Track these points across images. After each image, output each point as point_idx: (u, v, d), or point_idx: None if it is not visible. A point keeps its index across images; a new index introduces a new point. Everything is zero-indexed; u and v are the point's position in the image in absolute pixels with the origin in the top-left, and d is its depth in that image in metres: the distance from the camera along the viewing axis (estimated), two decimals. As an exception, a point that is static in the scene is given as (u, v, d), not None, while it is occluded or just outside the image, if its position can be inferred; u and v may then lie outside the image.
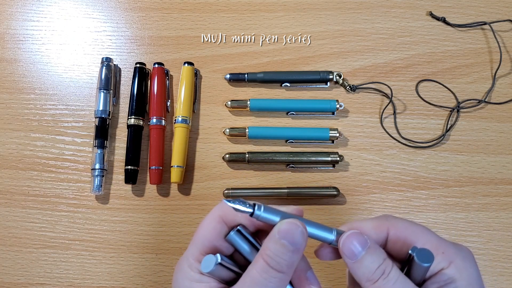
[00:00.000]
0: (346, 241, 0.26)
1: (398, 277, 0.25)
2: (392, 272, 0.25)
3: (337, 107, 0.52)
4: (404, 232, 0.27)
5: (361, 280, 0.25)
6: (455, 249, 0.26)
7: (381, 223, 0.27)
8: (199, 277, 0.25)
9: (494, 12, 0.56)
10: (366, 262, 0.25)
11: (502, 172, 0.51)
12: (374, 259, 0.25)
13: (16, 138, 0.52)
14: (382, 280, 0.24)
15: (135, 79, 0.53)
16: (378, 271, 0.25)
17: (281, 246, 0.23)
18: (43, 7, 0.57)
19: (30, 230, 0.50)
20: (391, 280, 0.24)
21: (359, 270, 0.25)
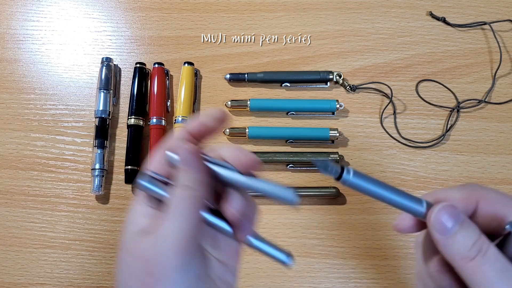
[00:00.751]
0: (438, 215, 0.23)
1: (497, 256, 0.22)
2: (490, 250, 0.23)
3: (337, 107, 0.52)
4: (495, 204, 0.24)
5: (454, 258, 0.23)
6: None
7: (470, 194, 0.25)
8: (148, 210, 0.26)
9: (494, 12, 0.56)
10: (460, 238, 0.23)
11: (502, 172, 0.51)
12: (469, 235, 0.23)
13: (16, 138, 0.52)
14: (481, 258, 0.22)
15: (135, 79, 0.53)
16: (474, 248, 0.22)
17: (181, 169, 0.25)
18: (43, 7, 0.57)
19: (30, 230, 0.50)
20: (490, 258, 0.22)
21: (453, 247, 0.23)
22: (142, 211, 0.26)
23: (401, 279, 0.48)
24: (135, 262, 0.24)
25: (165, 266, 0.23)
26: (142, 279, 0.24)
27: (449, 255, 0.23)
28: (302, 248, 0.49)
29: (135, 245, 0.24)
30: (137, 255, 0.24)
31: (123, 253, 0.25)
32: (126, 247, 0.25)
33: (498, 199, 0.25)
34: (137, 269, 0.24)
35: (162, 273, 0.23)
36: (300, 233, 0.50)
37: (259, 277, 0.49)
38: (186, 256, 0.24)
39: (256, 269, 0.49)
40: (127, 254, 0.25)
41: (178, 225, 0.24)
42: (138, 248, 0.24)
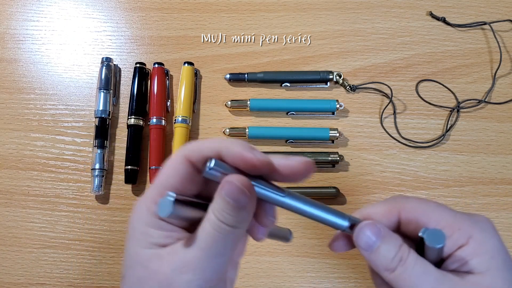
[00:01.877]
0: (360, 233, 0.25)
1: (416, 262, 0.24)
2: (409, 258, 0.24)
3: (337, 107, 0.52)
4: (415, 212, 0.25)
5: (379, 271, 0.25)
6: (472, 222, 0.25)
7: (391, 206, 0.26)
8: (157, 223, 0.23)
9: (494, 12, 0.56)
10: (382, 252, 0.24)
11: (502, 172, 0.51)
12: (390, 248, 0.24)
13: (16, 138, 0.52)
14: (401, 267, 0.24)
15: (135, 79, 0.53)
16: (395, 259, 0.24)
17: (226, 203, 0.22)
18: (43, 7, 0.57)
19: (30, 230, 0.50)
20: (409, 266, 0.24)
21: (377, 261, 0.25)
22: (154, 223, 0.23)
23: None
24: (152, 281, 0.23)
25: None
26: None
27: (376, 268, 0.25)
28: (302, 248, 0.49)
29: (155, 261, 0.23)
30: (157, 275, 0.23)
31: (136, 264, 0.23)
32: (139, 259, 0.23)
33: (417, 207, 0.26)
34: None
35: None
36: (300, 233, 0.50)
37: (259, 277, 0.49)
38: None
39: (256, 269, 0.49)
40: (141, 267, 0.23)
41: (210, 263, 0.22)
42: (159, 267, 0.23)
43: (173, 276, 0.22)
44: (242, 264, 0.49)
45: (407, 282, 0.24)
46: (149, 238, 0.23)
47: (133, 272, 0.23)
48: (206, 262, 0.22)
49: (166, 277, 0.22)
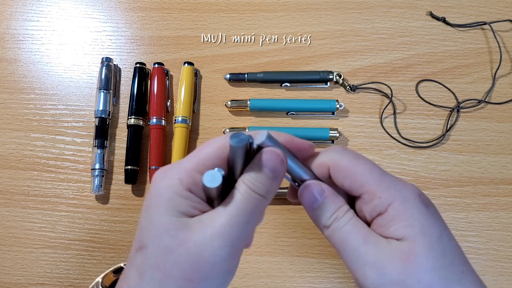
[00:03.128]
0: (304, 191, 0.27)
1: (349, 221, 0.26)
2: (344, 216, 0.26)
3: (337, 107, 0.52)
4: (343, 171, 0.26)
5: (319, 228, 0.27)
6: (395, 191, 0.25)
7: (323, 160, 0.27)
8: (186, 194, 0.24)
9: (494, 12, 0.56)
10: (322, 210, 0.26)
11: (502, 172, 0.51)
12: (329, 207, 0.26)
13: (16, 138, 0.52)
14: (334, 224, 0.26)
15: (135, 79, 0.53)
16: (332, 217, 0.26)
17: (262, 173, 0.24)
18: (43, 7, 0.57)
19: (30, 230, 0.50)
20: (341, 223, 0.26)
21: (317, 217, 0.27)
22: (184, 193, 0.24)
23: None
24: (182, 250, 0.23)
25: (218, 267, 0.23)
26: (187, 272, 0.23)
27: (317, 226, 0.27)
28: (302, 248, 0.49)
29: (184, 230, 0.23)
30: (187, 244, 0.23)
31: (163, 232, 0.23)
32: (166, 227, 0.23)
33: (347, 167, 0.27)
34: (182, 260, 0.23)
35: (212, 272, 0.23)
36: (300, 233, 0.50)
37: (259, 277, 0.49)
38: (236, 259, 0.24)
39: (256, 269, 0.49)
40: (168, 235, 0.23)
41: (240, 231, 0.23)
42: (190, 236, 0.23)
43: (203, 243, 0.23)
44: (242, 264, 0.49)
45: (338, 239, 0.25)
46: (177, 206, 0.24)
47: (159, 240, 0.23)
48: (236, 229, 0.23)
49: (195, 245, 0.23)
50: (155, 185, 0.25)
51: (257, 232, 0.50)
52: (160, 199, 0.24)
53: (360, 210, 0.26)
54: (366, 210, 0.26)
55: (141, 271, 0.23)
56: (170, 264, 0.23)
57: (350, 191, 0.27)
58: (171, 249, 0.23)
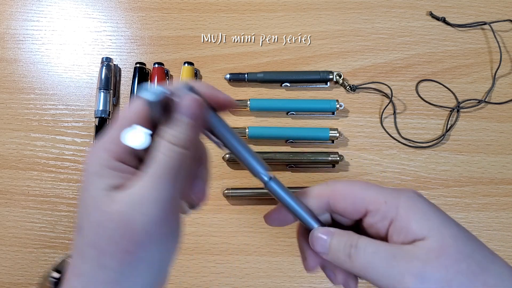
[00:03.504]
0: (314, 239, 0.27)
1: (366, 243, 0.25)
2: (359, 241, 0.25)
3: (337, 107, 0.52)
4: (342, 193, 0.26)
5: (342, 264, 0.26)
6: (396, 193, 0.25)
7: (320, 191, 0.28)
8: (114, 164, 0.23)
9: (494, 12, 0.56)
10: (335, 245, 0.26)
11: (502, 172, 0.51)
12: (340, 239, 0.26)
13: (16, 138, 0.52)
14: (354, 251, 0.25)
15: (135, 79, 0.53)
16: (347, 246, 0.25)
17: (180, 122, 0.23)
18: (43, 7, 0.57)
19: (30, 230, 0.50)
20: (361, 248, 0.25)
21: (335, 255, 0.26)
22: (111, 164, 0.23)
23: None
24: (109, 223, 0.22)
25: (150, 233, 0.22)
26: (121, 244, 0.22)
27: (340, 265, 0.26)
28: (302, 248, 0.49)
29: (109, 203, 0.22)
30: (112, 215, 0.22)
31: (92, 209, 0.22)
32: (95, 202, 0.22)
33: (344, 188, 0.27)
34: (112, 231, 0.22)
35: (146, 239, 0.22)
36: (300, 233, 0.50)
37: (259, 277, 0.49)
38: (171, 221, 0.23)
39: (256, 269, 0.49)
40: (96, 211, 0.22)
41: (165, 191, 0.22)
42: (114, 207, 0.22)
43: (129, 212, 0.22)
44: (242, 264, 0.49)
45: (364, 264, 0.24)
46: (107, 179, 0.23)
47: (90, 217, 0.23)
48: (162, 191, 0.22)
49: (123, 216, 0.22)
50: (85, 161, 0.24)
51: (257, 232, 0.50)
52: (89, 174, 0.23)
53: (371, 227, 0.26)
54: (377, 222, 0.25)
55: (81, 252, 0.23)
56: (103, 239, 0.22)
57: (354, 212, 0.26)
58: (101, 224, 0.22)
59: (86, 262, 0.22)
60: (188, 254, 0.49)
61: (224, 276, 0.49)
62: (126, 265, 0.22)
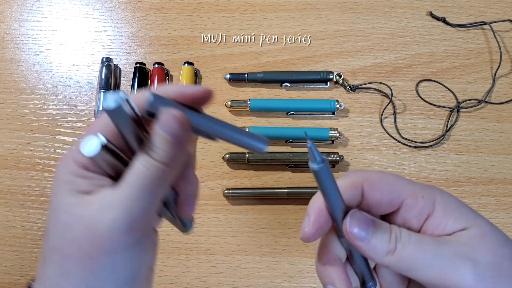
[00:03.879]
0: (353, 222, 0.24)
1: (409, 235, 0.24)
2: (403, 234, 0.24)
3: (337, 107, 0.52)
4: (377, 184, 0.25)
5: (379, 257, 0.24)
6: (430, 189, 0.25)
7: (354, 180, 0.25)
8: (83, 173, 0.23)
9: (494, 12, 0.56)
10: (379, 236, 0.24)
11: (502, 172, 0.51)
12: (383, 230, 0.24)
13: (16, 138, 0.52)
14: (399, 245, 0.23)
15: (135, 79, 0.53)
16: (392, 239, 0.24)
17: (161, 137, 0.22)
18: (43, 7, 0.57)
19: (30, 230, 0.50)
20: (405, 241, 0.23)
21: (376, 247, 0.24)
22: (79, 172, 0.23)
23: (401, 279, 0.48)
24: (76, 224, 0.21)
25: (116, 239, 0.21)
26: (85, 249, 0.21)
27: (375, 257, 0.24)
28: (302, 248, 0.49)
29: (78, 205, 0.22)
30: (79, 218, 0.21)
31: (60, 212, 0.22)
32: (64, 206, 0.22)
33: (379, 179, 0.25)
34: (79, 235, 0.21)
35: (110, 245, 0.21)
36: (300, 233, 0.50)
37: (259, 277, 0.49)
38: (141, 231, 0.23)
39: (256, 269, 0.49)
40: (64, 213, 0.22)
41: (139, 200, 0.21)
42: (83, 209, 0.21)
43: (98, 216, 0.21)
44: (242, 264, 0.49)
45: (410, 258, 0.23)
46: (74, 186, 0.22)
47: (57, 220, 0.22)
48: (134, 200, 0.21)
49: (91, 219, 0.21)
50: (56, 170, 0.24)
51: (257, 232, 0.50)
52: (58, 182, 0.23)
53: (404, 221, 0.25)
54: (412, 217, 0.25)
55: (44, 257, 0.22)
56: (68, 243, 0.22)
57: (389, 205, 0.25)
58: (68, 227, 0.22)
59: (50, 267, 0.22)
60: (188, 254, 0.49)
61: (224, 276, 0.49)
62: (89, 272, 0.21)
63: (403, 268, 0.23)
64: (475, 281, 0.22)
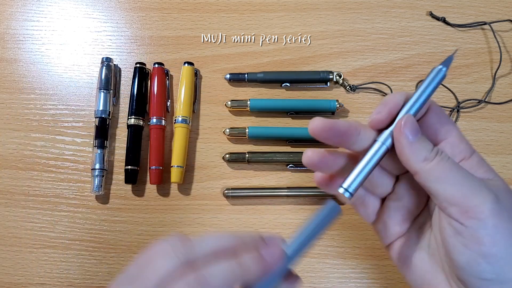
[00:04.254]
0: (406, 125, 0.26)
1: (448, 156, 0.26)
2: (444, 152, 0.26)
3: (337, 107, 0.52)
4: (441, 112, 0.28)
5: (414, 162, 0.26)
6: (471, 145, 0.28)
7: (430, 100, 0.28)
8: None
9: (494, 12, 0.56)
10: (423, 143, 0.26)
11: (502, 172, 0.51)
12: (427, 141, 0.26)
13: (16, 138, 0.52)
14: (438, 157, 0.25)
15: (135, 79, 0.53)
16: (434, 150, 0.26)
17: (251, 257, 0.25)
18: (43, 7, 0.57)
19: (30, 230, 0.50)
20: (445, 157, 0.26)
21: (417, 150, 0.26)
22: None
23: (401, 279, 0.48)
24: None
25: None
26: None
27: (412, 159, 0.26)
28: (302, 248, 0.49)
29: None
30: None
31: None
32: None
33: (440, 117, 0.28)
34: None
35: None
36: (300, 233, 0.50)
37: (259, 277, 0.49)
38: None
39: (256, 269, 0.49)
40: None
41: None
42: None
43: None
44: (242, 264, 0.49)
45: (442, 171, 0.25)
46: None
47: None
48: None
49: None
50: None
51: (257, 232, 0.50)
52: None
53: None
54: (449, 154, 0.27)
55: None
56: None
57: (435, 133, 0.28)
58: None
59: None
60: (188, 254, 0.49)
61: (224, 276, 0.49)
62: None
63: (432, 178, 0.25)
64: (492, 211, 0.24)
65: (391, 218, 0.30)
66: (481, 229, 0.24)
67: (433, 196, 0.26)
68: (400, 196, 0.30)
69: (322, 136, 0.27)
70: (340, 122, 0.27)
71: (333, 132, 0.27)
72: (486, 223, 0.24)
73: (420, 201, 0.30)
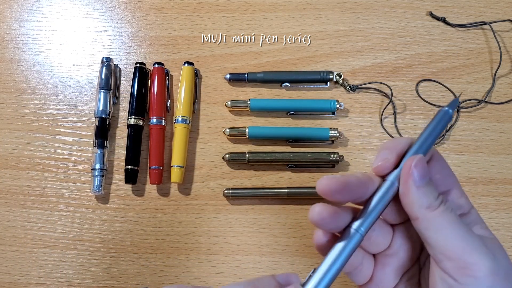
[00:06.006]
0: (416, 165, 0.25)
1: (452, 208, 0.25)
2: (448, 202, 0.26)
3: (337, 107, 0.52)
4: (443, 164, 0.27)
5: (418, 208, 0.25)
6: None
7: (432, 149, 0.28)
8: None
9: (494, 12, 0.56)
10: (429, 189, 0.25)
11: (502, 172, 0.51)
12: (433, 188, 0.26)
13: (16, 138, 0.52)
14: (443, 206, 0.25)
15: (135, 79, 0.53)
16: (439, 199, 0.25)
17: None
18: (43, 7, 0.57)
19: (30, 230, 0.50)
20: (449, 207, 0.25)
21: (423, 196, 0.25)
22: None
23: None
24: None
25: None
26: None
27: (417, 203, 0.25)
28: (302, 248, 0.49)
29: None
30: None
31: None
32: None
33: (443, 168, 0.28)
34: None
35: None
36: (300, 233, 0.50)
37: (259, 277, 0.49)
38: None
39: (256, 269, 0.49)
40: None
41: None
42: None
43: None
44: (242, 264, 0.49)
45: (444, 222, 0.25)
46: None
47: None
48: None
49: None
50: None
51: (257, 232, 0.50)
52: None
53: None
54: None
55: None
56: None
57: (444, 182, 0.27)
58: None
59: None
60: (188, 254, 0.49)
61: (224, 276, 0.49)
62: None
63: (433, 227, 0.25)
64: (491, 271, 0.23)
65: (385, 275, 0.29)
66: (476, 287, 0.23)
67: (429, 246, 0.25)
68: (395, 250, 0.28)
69: (335, 198, 0.25)
70: (351, 179, 0.25)
71: (346, 192, 0.25)
72: (482, 282, 0.23)
73: (414, 254, 0.29)
